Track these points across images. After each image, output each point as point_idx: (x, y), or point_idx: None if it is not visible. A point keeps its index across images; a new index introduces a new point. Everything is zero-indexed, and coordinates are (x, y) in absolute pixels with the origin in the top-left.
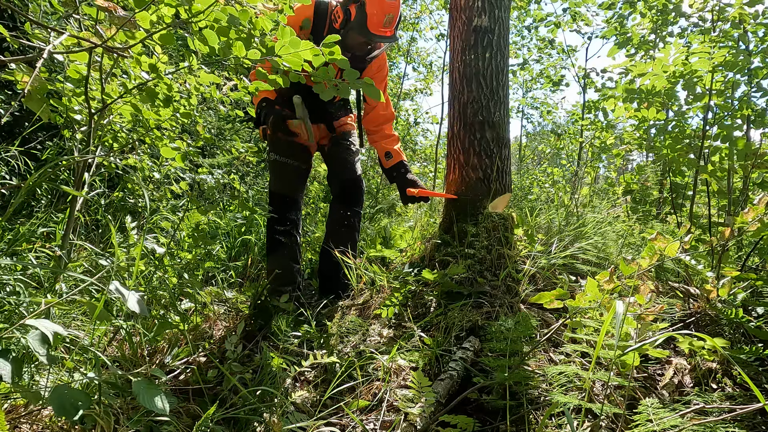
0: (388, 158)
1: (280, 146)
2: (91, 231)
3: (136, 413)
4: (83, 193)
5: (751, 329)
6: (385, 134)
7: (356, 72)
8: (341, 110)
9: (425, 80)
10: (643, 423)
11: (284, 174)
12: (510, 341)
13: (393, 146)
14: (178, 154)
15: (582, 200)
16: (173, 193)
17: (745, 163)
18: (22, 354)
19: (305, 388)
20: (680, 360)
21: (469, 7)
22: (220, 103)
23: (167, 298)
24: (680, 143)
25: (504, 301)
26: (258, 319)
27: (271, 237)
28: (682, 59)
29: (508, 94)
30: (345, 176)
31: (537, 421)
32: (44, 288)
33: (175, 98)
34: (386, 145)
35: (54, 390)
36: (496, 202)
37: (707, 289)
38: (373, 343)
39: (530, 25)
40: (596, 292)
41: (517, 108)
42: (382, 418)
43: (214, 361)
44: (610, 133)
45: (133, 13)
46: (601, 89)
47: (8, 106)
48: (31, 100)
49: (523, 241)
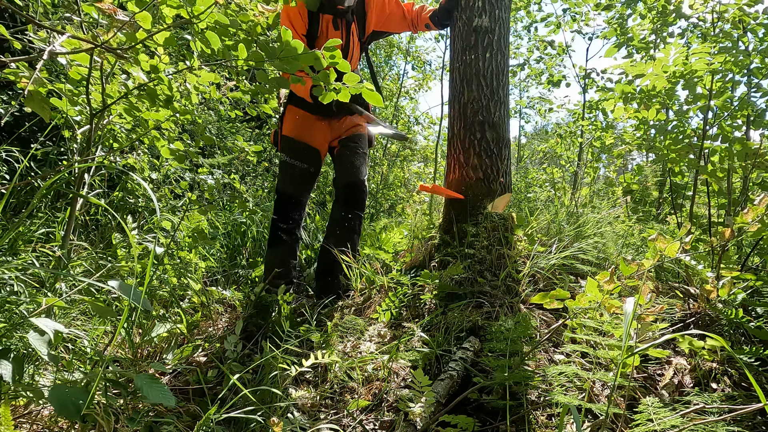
0: (432, 19)
1: (291, 149)
2: (91, 231)
3: (136, 413)
4: (84, 194)
5: (751, 329)
6: (416, 16)
7: (356, 77)
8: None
9: (424, 80)
10: (643, 423)
11: (292, 176)
12: (510, 341)
13: (422, 13)
14: (178, 154)
15: (582, 200)
16: (173, 193)
17: (744, 163)
18: (23, 353)
19: (305, 388)
20: (680, 360)
21: (469, 7)
22: (219, 103)
23: (167, 297)
24: (680, 143)
25: (504, 301)
26: (258, 318)
27: (274, 233)
28: (682, 59)
29: (509, 94)
30: (349, 179)
31: (537, 421)
32: (45, 288)
33: (176, 98)
34: (423, 18)
35: (54, 389)
36: (497, 202)
37: (707, 289)
38: (373, 343)
39: (529, 25)
40: (596, 293)
41: (515, 109)
42: (382, 418)
43: (214, 360)
44: (610, 134)
45: (133, 14)
46: (601, 89)
47: (8, 106)
48: (32, 100)
49: (523, 242)
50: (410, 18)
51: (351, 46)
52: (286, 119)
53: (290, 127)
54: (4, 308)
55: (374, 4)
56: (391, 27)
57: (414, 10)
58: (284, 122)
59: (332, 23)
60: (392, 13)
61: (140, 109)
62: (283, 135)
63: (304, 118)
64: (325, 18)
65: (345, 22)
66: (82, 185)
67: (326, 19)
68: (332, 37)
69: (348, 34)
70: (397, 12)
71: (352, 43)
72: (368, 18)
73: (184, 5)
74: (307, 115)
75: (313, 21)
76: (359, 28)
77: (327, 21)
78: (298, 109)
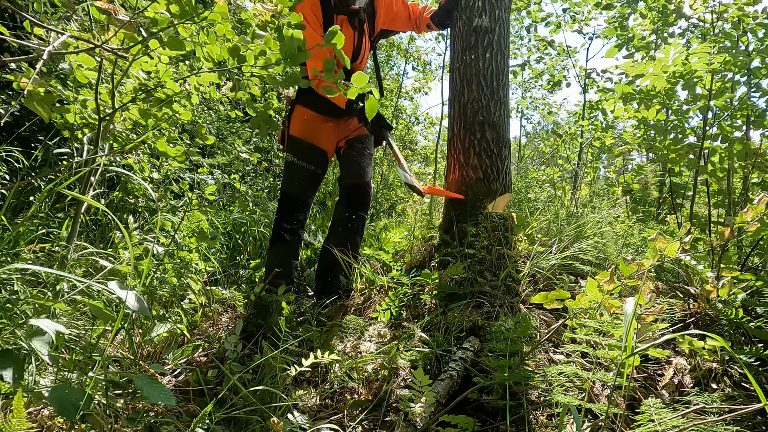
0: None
1: (298, 150)
2: (91, 231)
3: (135, 413)
4: (89, 198)
5: (751, 329)
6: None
7: (365, 76)
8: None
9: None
10: (644, 423)
11: (297, 177)
12: (510, 341)
13: (423, 14)
14: (179, 155)
15: (582, 200)
16: (173, 193)
17: (744, 163)
18: (23, 354)
19: (305, 388)
20: (680, 360)
21: (469, 7)
22: (220, 103)
23: (167, 297)
24: (680, 143)
25: (504, 302)
26: (258, 318)
27: (277, 232)
28: (681, 59)
29: (509, 94)
30: (354, 180)
31: (537, 421)
32: (46, 288)
33: (176, 98)
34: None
35: (54, 389)
36: (497, 202)
37: (707, 289)
38: (372, 343)
39: (530, 25)
40: (596, 293)
41: (517, 108)
42: (382, 418)
43: (214, 360)
44: (610, 134)
45: (133, 14)
46: (601, 90)
47: (8, 106)
48: (31, 100)
49: (523, 242)
50: (415, 18)
51: (363, 46)
52: (294, 119)
53: (298, 127)
54: (5, 308)
55: (383, 3)
56: (397, 26)
57: (418, 11)
58: (291, 121)
59: (348, 23)
60: (399, 13)
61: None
62: (290, 135)
63: (313, 119)
64: (339, 18)
65: (359, 22)
66: (89, 187)
67: (340, 19)
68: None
69: (361, 35)
70: (404, 12)
71: (364, 43)
72: (377, 17)
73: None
74: (315, 115)
75: (328, 22)
76: (369, 28)
77: (342, 21)
78: (306, 110)
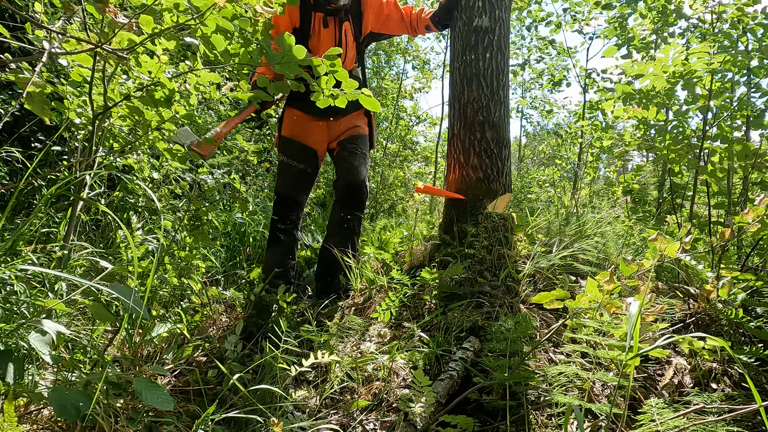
0: (433, 20)
1: (288, 149)
2: (91, 231)
3: (136, 413)
4: (84, 197)
5: (751, 329)
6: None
7: (354, 83)
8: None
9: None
10: (646, 423)
11: (289, 176)
12: (510, 341)
13: (422, 15)
14: (179, 156)
15: (582, 200)
16: (173, 193)
17: (744, 163)
18: (24, 354)
19: (305, 388)
20: (680, 360)
21: (469, 7)
22: (219, 104)
23: (167, 297)
24: (680, 144)
25: (504, 302)
26: (258, 318)
27: (272, 233)
28: (681, 59)
29: (509, 94)
30: (348, 180)
31: (537, 421)
32: (45, 288)
33: (175, 98)
34: (423, 19)
35: (54, 390)
36: (497, 203)
37: (707, 289)
38: (372, 343)
39: (530, 24)
40: (596, 293)
41: (517, 108)
42: (382, 418)
43: (214, 360)
44: (609, 134)
45: (134, 15)
46: (600, 90)
47: (8, 106)
48: (32, 101)
49: (523, 242)
50: (409, 20)
51: (344, 45)
52: (284, 120)
53: (287, 128)
54: (5, 308)
55: (371, 5)
56: (389, 29)
57: (413, 13)
58: (283, 123)
59: (322, 21)
60: (390, 15)
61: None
62: (281, 135)
63: (301, 119)
64: (317, 16)
65: (337, 20)
66: (83, 187)
67: (318, 17)
68: (323, 35)
69: (340, 33)
70: (395, 14)
71: (345, 42)
72: (365, 18)
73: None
74: (303, 115)
75: (305, 19)
76: (355, 28)
77: (318, 19)
78: (295, 110)
